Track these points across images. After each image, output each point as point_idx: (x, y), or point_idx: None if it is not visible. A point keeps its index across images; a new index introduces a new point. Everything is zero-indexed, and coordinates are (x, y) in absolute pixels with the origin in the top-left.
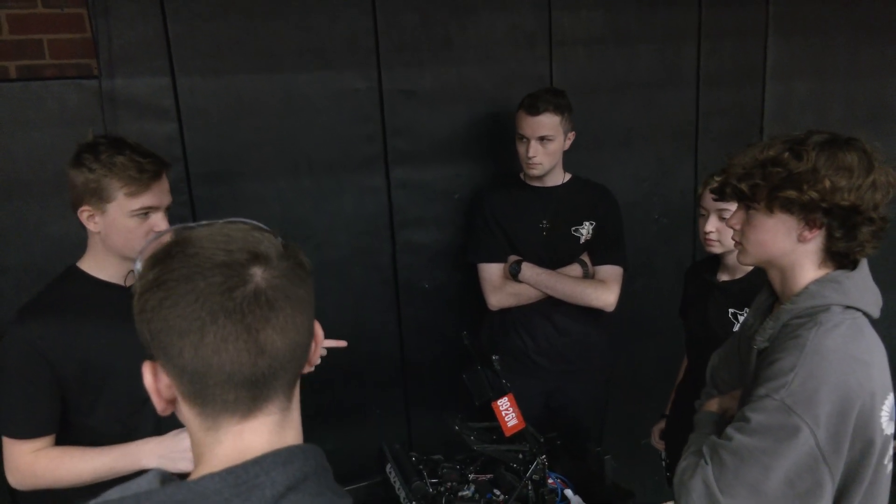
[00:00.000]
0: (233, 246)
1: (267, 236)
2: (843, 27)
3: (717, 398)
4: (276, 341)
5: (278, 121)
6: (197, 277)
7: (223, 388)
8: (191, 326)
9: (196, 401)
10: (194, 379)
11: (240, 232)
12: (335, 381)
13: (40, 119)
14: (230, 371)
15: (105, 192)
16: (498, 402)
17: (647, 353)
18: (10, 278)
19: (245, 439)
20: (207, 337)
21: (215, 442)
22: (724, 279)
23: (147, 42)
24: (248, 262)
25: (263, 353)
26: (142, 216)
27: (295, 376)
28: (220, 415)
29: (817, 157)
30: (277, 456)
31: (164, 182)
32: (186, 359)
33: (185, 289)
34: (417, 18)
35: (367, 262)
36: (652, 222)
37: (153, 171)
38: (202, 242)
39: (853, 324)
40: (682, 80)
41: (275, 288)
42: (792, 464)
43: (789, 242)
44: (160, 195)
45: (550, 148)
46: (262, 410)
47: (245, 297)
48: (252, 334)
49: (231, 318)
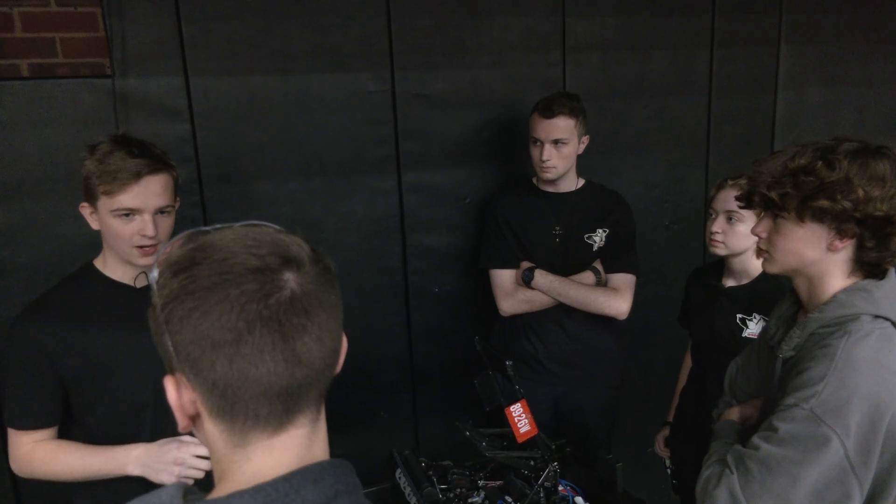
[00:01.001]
0: (263, 250)
1: (294, 239)
2: (856, 36)
3: (737, 407)
4: (313, 349)
5: (291, 122)
6: (229, 285)
7: (257, 401)
8: (226, 337)
9: (224, 416)
10: (227, 393)
11: (267, 235)
12: (343, 385)
13: (52, 118)
14: (267, 383)
15: (92, 191)
16: (511, 408)
17: (656, 359)
18: (20, 277)
19: (275, 454)
20: (244, 348)
21: (243, 459)
22: (730, 284)
23: (161, 42)
24: (281, 267)
25: (300, 363)
26: (124, 217)
27: (326, 385)
28: (250, 431)
29: (849, 166)
30: (308, 473)
31: (150, 184)
32: (219, 372)
33: (218, 297)
34: (432, 21)
35: (377, 265)
36: (662, 228)
37: (134, 171)
38: (230, 247)
39: (883, 334)
40: (695, 86)
41: (309, 294)
42: (820, 474)
43: (819, 252)
44: (143, 197)
45: (564, 151)
46: (294, 423)
47: (281, 303)
48: (289, 343)
49: (269, 326)
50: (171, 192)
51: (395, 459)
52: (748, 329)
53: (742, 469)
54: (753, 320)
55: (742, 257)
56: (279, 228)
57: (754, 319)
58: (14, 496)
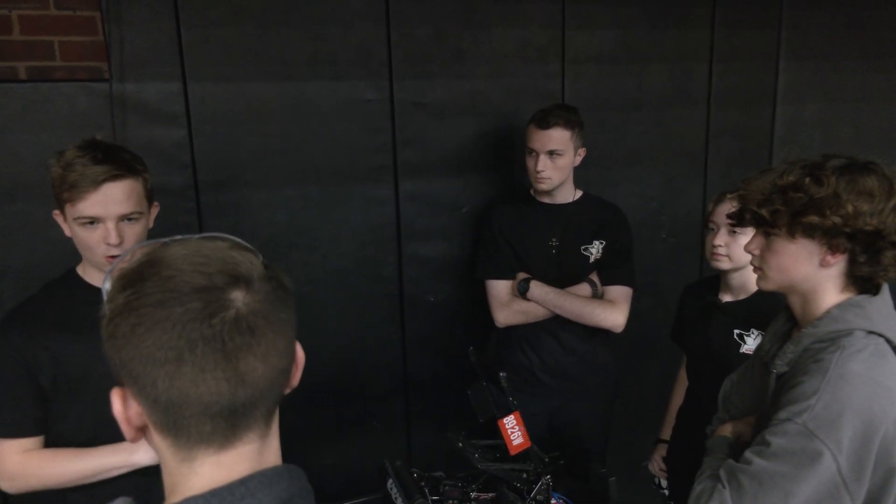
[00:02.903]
0: (211, 268)
1: (247, 256)
2: (854, 53)
3: (730, 423)
4: (258, 369)
5: (288, 129)
6: (173, 303)
7: (199, 419)
8: (167, 356)
9: (169, 432)
10: (168, 410)
11: (218, 251)
12: (336, 394)
13: (48, 121)
14: (208, 402)
15: (59, 198)
16: (504, 420)
17: (651, 372)
18: (12, 280)
19: (224, 469)
20: (185, 367)
21: (191, 473)
22: (727, 299)
23: (159, 47)
24: (228, 286)
25: (244, 383)
26: (88, 225)
27: (275, 402)
28: (195, 446)
29: (837, 181)
30: (263, 477)
31: (111, 191)
32: (160, 389)
33: (161, 315)
34: (431, 31)
35: (372, 274)
36: (659, 241)
37: (93, 179)
38: (178, 264)
39: (876, 349)
40: (693, 100)
41: (256, 313)
42: (813, 489)
43: (811, 267)
44: (103, 205)
45: (560, 163)
46: (242, 440)
47: (225, 323)
48: (232, 363)
49: (210, 346)
50: (136, 199)
51: (387, 470)
52: (746, 345)
53: (734, 484)
54: (751, 336)
55: (742, 272)
56: (237, 242)
57: (752, 335)
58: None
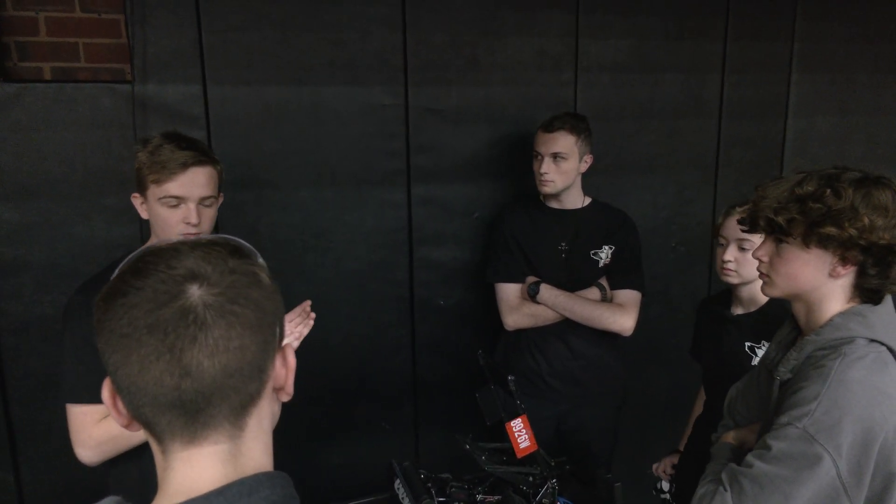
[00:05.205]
0: (176, 262)
1: (220, 252)
2: (866, 66)
3: (734, 430)
4: (203, 363)
5: (305, 132)
6: (132, 294)
7: (152, 411)
8: (119, 343)
9: (140, 421)
10: (126, 399)
11: (196, 249)
12: (345, 395)
13: (71, 120)
14: (154, 393)
15: (143, 180)
16: (511, 423)
17: (659, 380)
18: (33, 276)
19: (196, 468)
20: (132, 355)
21: (168, 467)
22: (738, 313)
23: (181, 50)
24: (184, 280)
25: (189, 376)
26: (171, 205)
27: (243, 404)
28: (164, 439)
29: (854, 194)
30: (242, 486)
31: (196, 175)
32: (118, 377)
33: (120, 303)
34: (446, 38)
35: (383, 277)
36: (669, 250)
37: (181, 162)
38: (155, 258)
39: (878, 357)
40: (705, 110)
41: (209, 306)
42: (813, 493)
43: (821, 277)
44: (188, 187)
45: (563, 167)
46: (207, 439)
47: (171, 315)
48: (175, 354)
49: (153, 335)
50: (214, 185)
51: (395, 470)
52: (757, 357)
53: (736, 487)
54: (762, 348)
55: (751, 285)
56: (239, 243)
57: (763, 347)
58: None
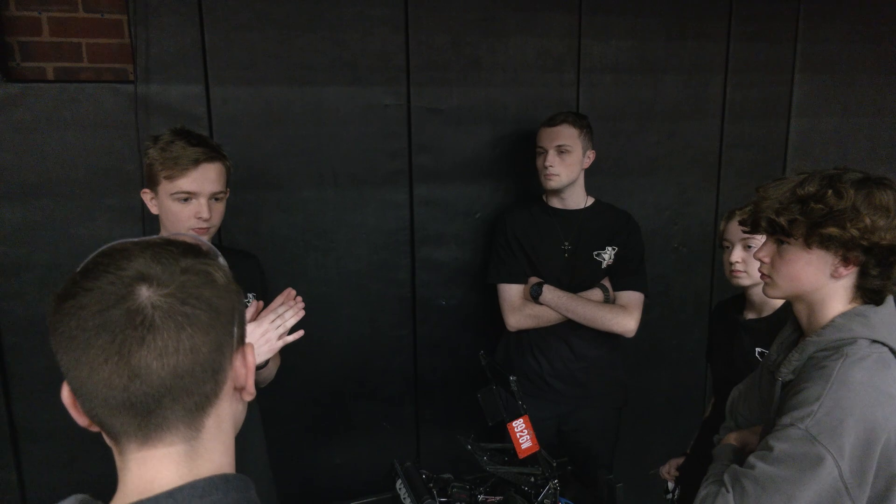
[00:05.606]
0: (125, 263)
1: (172, 253)
2: (869, 67)
3: (736, 432)
4: (152, 364)
5: (306, 132)
6: (83, 295)
7: (104, 411)
8: (70, 345)
9: (95, 421)
10: (80, 399)
11: (147, 249)
12: (347, 395)
13: (74, 120)
14: (105, 395)
15: (155, 176)
16: (513, 424)
17: (661, 381)
18: (35, 275)
19: (150, 469)
20: (83, 357)
21: (125, 467)
22: (750, 317)
23: (183, 50)
24: (133, 281)
25: (138, 377)
26: (183, 201)
27: (199, 405)
28: (119, 440)
29: (856, 195)
30: (194, 488)
31: (207, 170)
32: (71, 377)
33: (70, 304)
34: (448, 39)
35: (385, 277)
36: (671, 251)
37: (193, 158)
38: (106, 259)
39: (880, 358)
40: (708, 111)
41: (157, 307)
42: (815, 494)
43: (822, 278)
44: (200, 182)
45: (568, 160)
46: (162, 441)
47: (119, 316)
48: (124, 357)
49: (101, 337)
50: (223, 181)
51: (396, 470)
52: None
53: (738, 488)
54: None
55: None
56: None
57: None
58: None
